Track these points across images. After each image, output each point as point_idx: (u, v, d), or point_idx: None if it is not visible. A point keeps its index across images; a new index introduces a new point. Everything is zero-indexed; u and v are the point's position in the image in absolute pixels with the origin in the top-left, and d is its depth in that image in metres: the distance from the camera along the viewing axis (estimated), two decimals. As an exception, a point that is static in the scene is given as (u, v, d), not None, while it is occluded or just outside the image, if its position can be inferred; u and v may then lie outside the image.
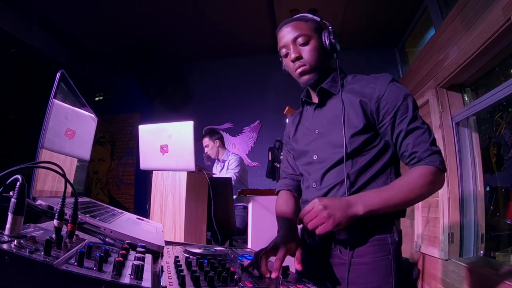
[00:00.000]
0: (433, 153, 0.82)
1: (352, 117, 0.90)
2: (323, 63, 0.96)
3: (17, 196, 0.45)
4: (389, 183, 0.87)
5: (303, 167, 1.03)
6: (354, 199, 0.79)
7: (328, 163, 0.92)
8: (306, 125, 1.04)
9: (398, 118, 0.86)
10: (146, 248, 0.61)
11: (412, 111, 0.86)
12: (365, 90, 0.90)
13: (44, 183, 0.89)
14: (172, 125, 1.54)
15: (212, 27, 4.05)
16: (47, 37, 4.06)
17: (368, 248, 0.86)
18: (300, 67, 0.95)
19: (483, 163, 2.38)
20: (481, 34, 1.95)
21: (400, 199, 0.80)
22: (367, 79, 0.93)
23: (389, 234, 0.87)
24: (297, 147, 1.06)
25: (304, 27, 0.94)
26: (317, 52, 0.94)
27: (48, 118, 0.84)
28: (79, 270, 0.40)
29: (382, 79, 0.90)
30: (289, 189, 1.11)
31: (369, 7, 3.45)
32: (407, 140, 0.85)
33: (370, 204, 0.78)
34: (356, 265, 0.86)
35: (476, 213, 2.33)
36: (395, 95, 0.87)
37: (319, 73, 0.96)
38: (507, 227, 2.20)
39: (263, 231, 2.00)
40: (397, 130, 0.86)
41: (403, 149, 0.86)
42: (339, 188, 0.90)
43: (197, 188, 1.63)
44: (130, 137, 5.30)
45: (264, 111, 4.54)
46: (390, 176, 0.90)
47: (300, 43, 0.94)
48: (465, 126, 2.48)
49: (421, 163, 0.82)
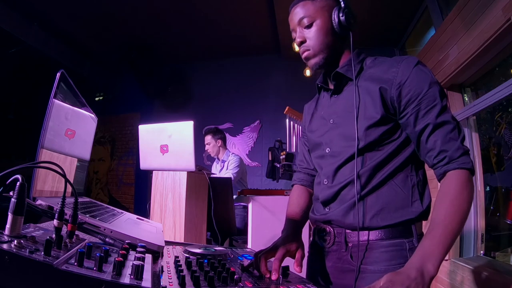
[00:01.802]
0: (465, 153, 0.72)
1: (369, 107, 0.80)
2: (332, 45, 0.86)
3: (17, 196, 0.45)
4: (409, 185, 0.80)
5: (316, 160, 0.95)
6: (418, 262, 0.63)
7: (341, 158, 0.84)
8: (321, 113, 0.94)
9: (423, 109, 0.75)
10: (146, 248, 0.61)
11: (440, 100, 0.75)
12: (386, 75, 0.80)
13: (44, 183, 0.88)
14: (172, 125, 1.54)
15: (212, 27, 4.05)
16: (47, 37, 4.07)
17: (382, 254, 0.77)
18: (304, 51, 0.88)
19: (483, 163, 2.38)
20: (481, 34, 1.95)
21: (455, 228, 0.67)
22: (389, 63, 0.82)
23: (408, 239, 0.77)
24: (311, 138, 0.97)
25: (309, 8, 0.86)
26: (322, 33, 0.85)
27: (48, 118, 0.84)
28: (79, 270, 0.40)
29: (406, 61, 0.79)
30: (303, 184, 1.04)
31: (369, 7, 3.45)
32: (434, 135, 0.74)
33: (436, 255, 0.64)
34: (368, 272, 0.78)
35: (476, 213, 2.33)
36: (420, 80, 0.76)
37: (326, 56, 0.86)
38: (507, 227, 2.20)
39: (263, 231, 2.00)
40: (422, 123, 0.75)
41: (430, 146, 0.74)
42: (353, 186, 0.81)
43: (197, 188, 1.63)
44: (130, 137, 5.30)
45: (264, 111, 4.54)
46: (410, 174, 0.81)
47: (305, 26, 0.86)
48: (465, 126, 2.48)
49: (453, 164, 0.72)
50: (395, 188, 0.80)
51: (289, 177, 2.50)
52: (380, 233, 0.78)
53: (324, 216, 0.87)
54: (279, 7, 3.44)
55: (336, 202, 0.85)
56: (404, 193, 0.79)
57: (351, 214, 0.80)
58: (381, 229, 0.78)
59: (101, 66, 5.14)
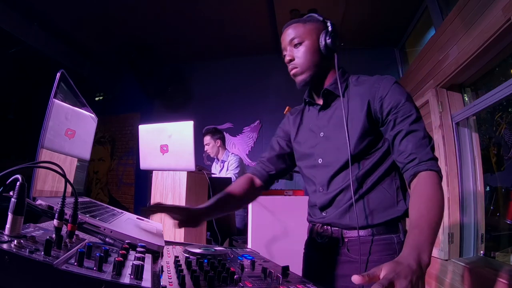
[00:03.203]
0: (434, 159, 0.82)
1: (356, 120, 0.91)
2: (318, 64, 0.96)
3: (17, 196, 0.45)
4: (394, 187, 0.90)
5: (306, 169, 1.03)
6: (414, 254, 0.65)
7: (334, 167, 0.93)
8: (309, 126, 1.03)
9: (400, 116, 0.86)
10: (146, 248, 0.61)
11: (415, 112, 0.86)
12: (369, 92, 0.91)
13: (44, 183, 0.89)
14: (172, 125, 1.54)
15: (212, 27, 4.05)
16: (47, 37, 4.06)
17: (374, 247, 0.88)
18: (293, 69, 0.98)
19: (483, 163, 2.38)
20: (481, 34, 1.95)
21: (438, 222, 0.73)
22: (371, 81, 0.93)
23: (395, 234, 0.89)
24: (299, 149, 1.05)
25: (300, 30, 0.96)
26: (310, 53, 0.95)
27: (48, 118, 0.84)
28: (79, 270, 0.40)
29: (386, 80, 0.91)
30: (253, 173, 1.14)
31: (370, 7, 3.45)
32: (407, 140, 0.84)
33: (427, 246, 0.68)
34: (362, 262, 0.88)
35: (476, 213, 2.33)
36: (398, 94, 0.88)
37: (312, 74, 0.96)
38: (507, 227, 2.20)
39: (263, 231, 2.00)
40: (398, 128, 0.86)
41: (402, 149, 0.84)
42: (346, 192, 0.91)
43: (197, 188, 1.63)
44: (130, 137, 5.30)
45: (264, 111, 4.54)
46: (394, 178, 0.91)
47: (295, 45, 0.97)
48: (465, 126, 2.48)
49: (423, 166, 0.80)
50: (383, 191, 0.91)
51: (289, 177, 2.51)
52: (372, 230, 0.89)
53: (322, 219, 0.97)
54: (279, 7, 3.44)
55: (332, 207, 0.95)
56: (390, 195, 0.91)
57: (347, 216, 0.91)
58: (373, 227, 0.89)
59: (101, 66, 5.14)
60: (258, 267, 0.68)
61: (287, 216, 1.91)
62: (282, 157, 1.13)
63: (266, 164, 1.14)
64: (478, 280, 1.94)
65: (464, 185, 2.40)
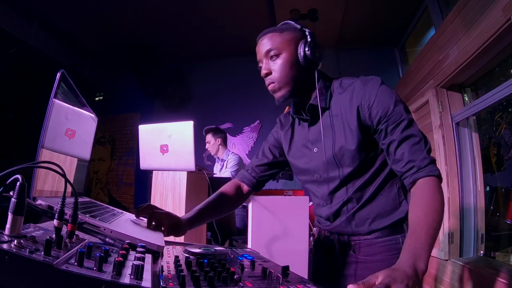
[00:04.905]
0: (431, 162, 0.79)
1: (348, 131, 0.87)
2: (298, 77, 0.89)
3: (17, 196, 0.45)
4: (395, 189, 0.90)
5: (307, 184, 1.01)
6: (411, 261, 0.65)
7: (334, 183, 0.92)
8: (302, 141, 0.99)
9: (391, 124, 0.82)
10: (146, 248, 0.61)
11: (406, 116, 0.81)
12: (355, 100, 0.86)
13: (44, 183, 0.88)
14: (172, 125, 1.54)
15: (212, 27, 4.05)
16: (47, 37, 4.07)
17: (380, 248, 0.89)
18: (269, 84, 0.91)
19: (483, 163, 2.38)
20: (481, 34, 1.95)
21: (436, 228, 0.72)
22: (357, 86, 0.87)
23: (400, 235, 0.89)
24: (296, 164, 1.02)
25: (276, 40, 0.89)
26: (287, 66, 0.88)
27: (48, 118, 0.83)
28: (79, 270, 0.40)
29: (371, 83, 0.85)
30: (242, 180, 1.14)
31: (370, 7, 3.45)
32: (401, 148, 0.80)
33: (424, 253, 0.67)
34: (369, 262, 0.89)
35: (476, 213, 2.33)
36: (385, 99, 0.83)
37: (291, 89, 0.90)
38: (507, 227, 2.20)
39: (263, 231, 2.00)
40: (389, 138, 0.82)
41: (398, 157, 0.81)
42: (349, 203, 0.92)
43: (197, 188, 1.63)
44: (130, 137, 5.30)
45: (264, 111, 4.53)
46: (394, 180, 0.91)
47: (271, 57, 0.90)
48: (465, 126, 2.48)
49: (421, 173, 0.78)
50: (385, 196, 0.91)
51: (289, 177, 2.51)
52: (377, 233, 0.90)
53: (328, 227, 0.99)
54: (279, 7, 3.44)
55: (337, 219, 0.96)
56: (392, 198, 0.91)
57: (352, 224, 0.92)
58: (379, 231, 0.90)
59: (101, 66, 5.14)
60: (258, 267, 0.68)
61: (287, 216, 1.90)
62: (273, 164, 1.12)
63: (256, 171, 1.13)
64: (478, 280, 1.94)
65: (464, 185, 2.39)
